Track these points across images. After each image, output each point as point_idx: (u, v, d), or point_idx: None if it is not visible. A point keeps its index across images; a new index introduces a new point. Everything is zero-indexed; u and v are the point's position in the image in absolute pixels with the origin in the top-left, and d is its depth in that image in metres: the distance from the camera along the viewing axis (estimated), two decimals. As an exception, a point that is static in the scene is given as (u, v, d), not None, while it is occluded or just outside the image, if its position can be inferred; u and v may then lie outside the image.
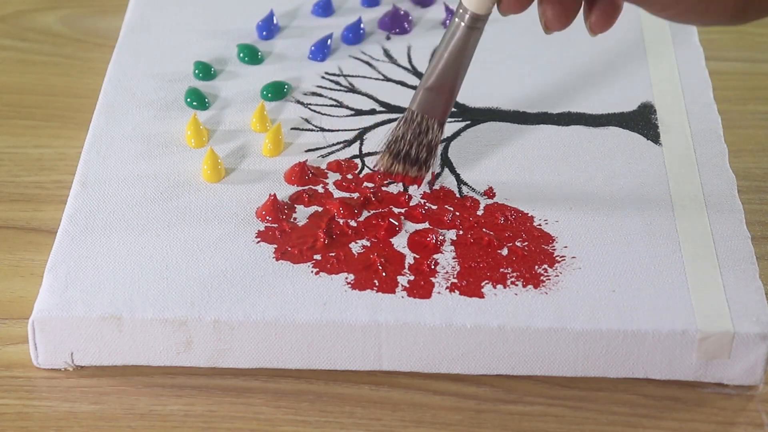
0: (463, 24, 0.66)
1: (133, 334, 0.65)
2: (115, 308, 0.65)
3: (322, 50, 0.83)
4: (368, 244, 0.69)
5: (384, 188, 0.73)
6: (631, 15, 0.86)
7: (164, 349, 0.66)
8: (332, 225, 0.70)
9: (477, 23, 0.66)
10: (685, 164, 0.74)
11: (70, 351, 0.66)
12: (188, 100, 0.79)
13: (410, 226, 0.70)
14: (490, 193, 0.73)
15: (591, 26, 0.62)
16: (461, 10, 0.66)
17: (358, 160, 0.75)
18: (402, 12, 0.86)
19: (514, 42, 0.84)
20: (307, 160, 0.74)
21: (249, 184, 0.73)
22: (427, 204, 0.72)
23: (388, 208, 0.71)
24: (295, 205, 0.71)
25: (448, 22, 0.86)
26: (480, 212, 0.71)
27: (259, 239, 0.69)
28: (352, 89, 0.80)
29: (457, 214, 0.71)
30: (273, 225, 0.70)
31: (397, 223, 0.70)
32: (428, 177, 0.72)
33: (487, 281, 0.67)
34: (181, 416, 0.65)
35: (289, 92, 0.80)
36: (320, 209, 0.71)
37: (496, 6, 0.65)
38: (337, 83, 0.81)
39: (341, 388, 0.67)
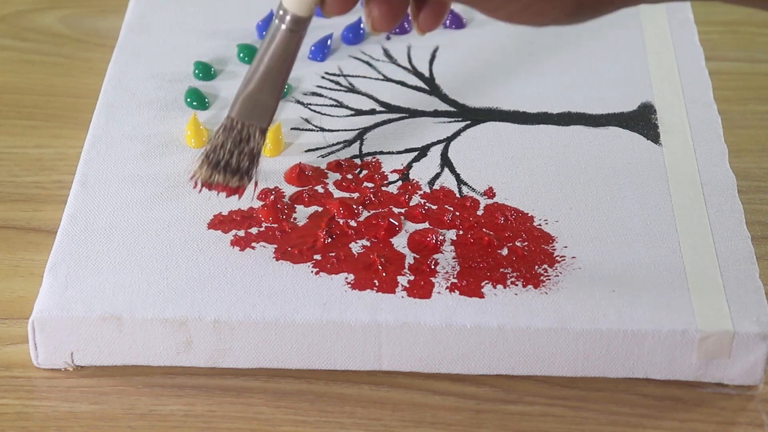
0: (283, 26, 0.62)
1: (133, 334, 0.65)
2: (115, 308, 0.65)
3: (322, 50, 0.83)
4: (368, 244, 0.69)
5: (384, 188, 0.73)
6: (631, 15, 0.86)
7: (164, 349, 0.66)
8: (332, 225, 0.70)
9: (298, 26, 0.62)
10: (685, 164, 0.74)
11: (70, 351, 0.66)
12: (188, 100, 0.79)
13: (410, 226, 0.70)
14: (490, 193, 0.73)
15: (419, 26, 0.60)
16: (281, 12, 0.62)
17: (358, 160, 0.75)
18: (402, 12, 0.86)
19: (514, 42, 0.84)
20: (301, 162, 0.74)
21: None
22: (427, 204, 0.72)
23: (388, 208, 0.71)
24: (295, 205, 0.71)
25: (448, 22, 0.86)
26: (480, 212, 0.71)
27: (259, 239, 0.69)
28: (352, 89, 0.80)
29: (457, 214, 0.71)
30: (273, 225, 0.70)
31: (397, 223, 0.70)
32: (251, 187, 0.67)
33: (487, 281, 0.67)
34: (181, 416, 0.65)
35: (289, 92, 0.80)
36: (320, 209, 0.71)
37: (318, 7, 0.61)
38: (337, 83, 0.81)
39: (341, 388, 0.67)
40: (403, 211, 0.71)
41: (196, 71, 0.81)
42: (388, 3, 0.59)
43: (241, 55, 0.83)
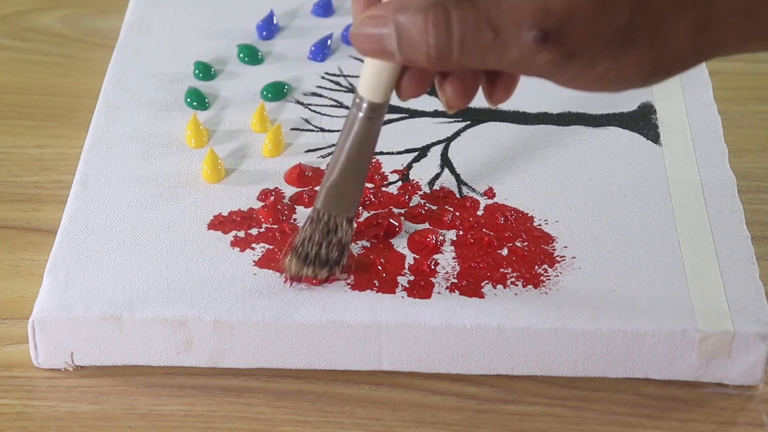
0: (361, 114, 0.62)
1: (133, 334, 0.65)
2: (115, 308, 0.65)
3: (322, 50, 0.83)
4: (368, 244, 0.69)
5: (384, 189, 0.73)
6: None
7: (164, 349, 0.66)
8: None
9: (375, 113, 0.62)
10: (685, 164, 0.74)
11: (70, 351, 0.66)
12: (188, 100, 0.79)
13: (410, 227, 0.70)
14: (490, 193, 0.73)
15: (492, 100, 0.61)
16: (358, 100, 0.62)
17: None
18: (402, 12, 0.86)
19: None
20: (301, 163, 0.74)
21: (249, 184, 0.73)
22: (427, 204, 0.72)
23: (388, 208, 0.71)
24: (295, 206, 0.71)
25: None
26: (480, 212, 0.71)
27: (259, 240, 0.69)
28: (352, 89, 0.80)
29: (457, 214, 0.71)
30: (273, 226, 0.70)
31: (397, 224, 0.70)
32: (342, 276, 0.67)
33: (487, 281, 0.67)
34: (181, 416, 0.65)
35: (289, 92, 0.80)
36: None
37: (394, 92, 0.61)
38: (337, 83, 0.81)
39: (341, 388, 0.67)
40: (403, 211, 0.71)
41: (196, 71, 0.81)
42: (461, 82, 0.60)
43: (241, 55, 0.83)
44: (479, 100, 0.79)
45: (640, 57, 0.55)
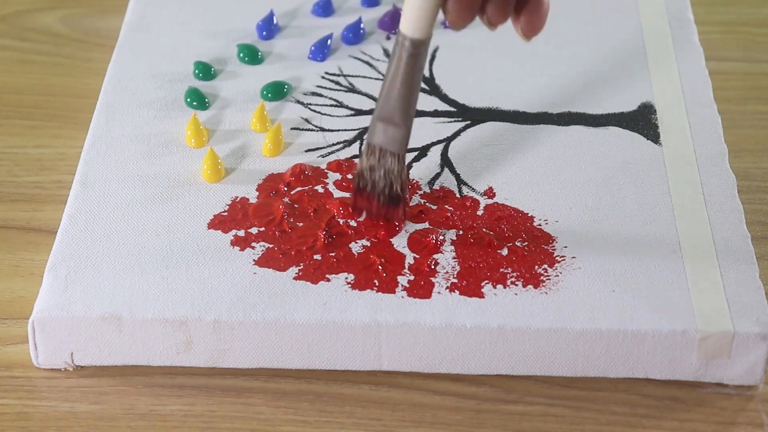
0: (405, 53, 0.65)
1: (133, 334, 0.65)
2: (115, 308, 0.65)
3: (322, 50, 0.83)
4: (368, 244, 0.69)
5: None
6: (631, 16, 0.86)
7: (164, 349, 0.66)
8: (332, 225, 0.70)
9: (420, 48, 0.65)
10: (685, 164, 0.74)
11: (70, 351, 0.66)
12: (188, 100, 0.79)
13: (410, 226, 0.70)
14: (490, 193, 0.73)
15: (522, 29, 0.63)
16: (401, 38, 0.65)
17: (358, 160, 0.75)
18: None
19: (514, 42, 0.84)
20: (301, 163, 0.74)
21: (249, 184, 0.73)
22: (427, 204, 0.72)
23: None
24: (295, 205, 0.71)
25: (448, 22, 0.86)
26: (480, 212, 0.71)
27: (259, 239, 0.69)
28: (352, 89, 0.80)
29: (458, 214, 0.71)
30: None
31: (397, 224, 0.70)
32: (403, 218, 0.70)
33: (487, 281, 0.67)
34: (181, 416, 0.65)
35: (289, 92, 0.80)
36: (320, 209, 0.71)
37: (445, 21, 0.64)
38: (337, 83, 0.81)
39: (341, 388, 0.67)
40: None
41: (196, 71, 0.81)
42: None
43: (241, 55, 0.83)
44: (479, 99, 0.79)
45: None
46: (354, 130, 0.77)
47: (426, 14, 0.64)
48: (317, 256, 0.68)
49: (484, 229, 0.70)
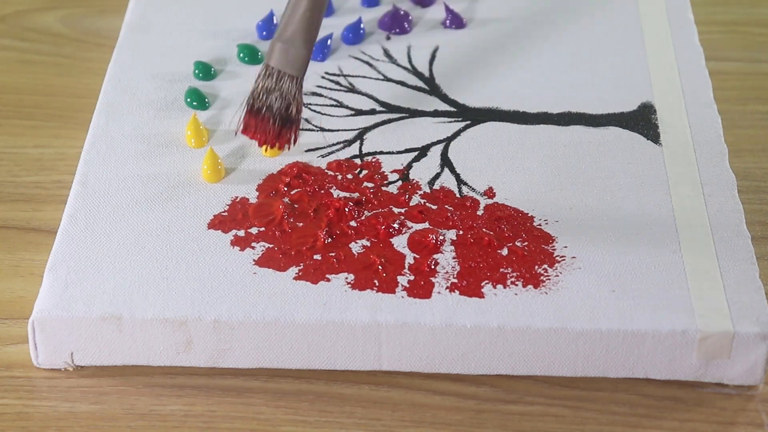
0: None
1: (133, 334, 0.65)
2: (115, 308, 0.65)
3: (322, 50, 0.83)
4: (368, 244, 0.69)
5: (384, 188, 0.73)
6: (631, 16, 0.86)
7: (164, 349, 0.66)
8: (332, 225, 0.70)
9: None
10: (685, 164, 0.74)
11: (70, 351, 0.66)
12: (188, 100, 0.79)
13: (410, 227, 0.70)
14: (490, 193, 0.73)
15: None
16: None
17: (358, 160, 0.75)
18: (402, 12, 0.86)
19: (515, 42, 0.84)
20: (301, 162, 0.74)
21: (249, 184, 0.73)
22: (427, 204, 0.72)
23: (388, 208, 0.71)
24: (295, 205, 0.71)
25: (448, 22, 0.86)
26: (480, 212, 0.71)
27: (259, 239, 0.69)
28: (352, 89, 0.80)
29: (458, 214, 0.71)
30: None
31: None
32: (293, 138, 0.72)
33: (487, 281, 0.67)
34: (181, 416, 0.65)
35: (289, 92, 0.80)
36: (320, 209, 0.71)
37: None
38: (337, 83, 0.81)
39: (341, 388, 0.67)
40: (403, 211, 0.71)
41: (196, 71, 0.81)
42: None
43: (241, 55, 0.83)
44: (479, 100, 0.79)
45: None
46: (354, 130, 0.77)
47: None
48: (317, 256, 0.68)
49: (484, 229, 0.70)
